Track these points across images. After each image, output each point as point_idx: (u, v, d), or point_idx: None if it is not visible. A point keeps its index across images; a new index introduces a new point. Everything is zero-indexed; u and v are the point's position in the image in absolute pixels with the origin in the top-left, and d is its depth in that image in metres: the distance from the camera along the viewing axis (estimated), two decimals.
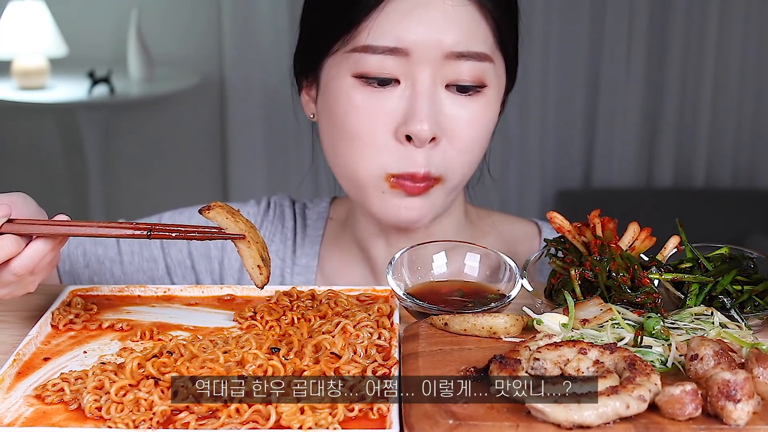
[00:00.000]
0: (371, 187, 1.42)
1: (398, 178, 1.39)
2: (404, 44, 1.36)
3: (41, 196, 1.31)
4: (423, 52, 1.36)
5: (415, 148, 1.38)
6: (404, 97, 1.38)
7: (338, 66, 1.41)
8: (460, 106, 1.39)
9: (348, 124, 1.40)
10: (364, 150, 1.40)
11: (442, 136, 1.39)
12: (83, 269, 1.64)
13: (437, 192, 1.43)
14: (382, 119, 1.38)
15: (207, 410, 1.03)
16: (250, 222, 1.21)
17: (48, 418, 1.05)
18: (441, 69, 1.37)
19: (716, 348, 1.04)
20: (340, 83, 1.41)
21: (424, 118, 1.36)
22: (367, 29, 1.37)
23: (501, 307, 1.27)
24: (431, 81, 1.38)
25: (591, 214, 1.31)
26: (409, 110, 1.37)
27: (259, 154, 4.57)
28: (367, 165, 1.40)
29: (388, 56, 1.37)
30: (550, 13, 4.39)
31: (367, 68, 1.38)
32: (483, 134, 1.43)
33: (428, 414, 0.98)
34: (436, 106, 1.38)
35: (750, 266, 1.31)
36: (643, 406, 0.96)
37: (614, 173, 4.55)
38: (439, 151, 1.39)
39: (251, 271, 1.20)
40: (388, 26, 1.36)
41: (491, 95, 1.42)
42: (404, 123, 1.37)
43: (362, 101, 1.39)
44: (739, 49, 4.40)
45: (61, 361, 1.20)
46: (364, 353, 1.16)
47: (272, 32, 4.32)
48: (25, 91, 4.20)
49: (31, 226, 1.17)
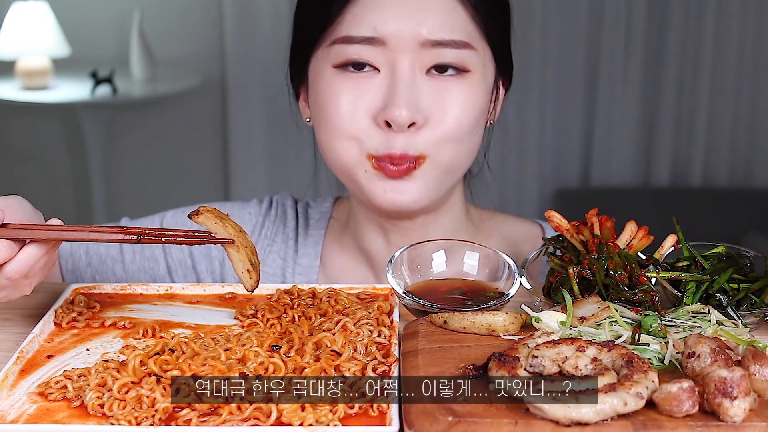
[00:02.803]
0: (354, 166, 1.42)
1: (378, 159, 1.40)
2: (380, 33, 1.38)
3: (44, 196, 1.32)
4: (399, 40, 1.38)
5: (395, 133, 1.38)
6: (384, 85, 1.39)
7: (322, 61, 1.44)
8: (442, 89, 1.40)
9: (329, 112, 1.42)
10: (345, 134, 1.41)
11: (423, 122, 1.39)
12: (85, 268, 1.64)
13: (425, 171, 1.41)
14: (362, 105, 1.39)
15: (208, 407, 1.04)
16: (240, 226, 1.22)
17: (51, 415, 1.06)
18: (420, 56, 1.38)
19: (713, 345, 1.04)
20: (323, 76, 1.43)
21: (401, 103, 1.36)
22: (345, 21, 1.40)
23: (500, 305, 1.27)
24: (410, 68, 1.38)
25: (589, 213, 1.32)
26: (387, 97, 1.38)
27: (261, 153, 4.57)
28: (349, 147, 1.41)
29: (366, 46, 1.38)
30: (548, 13, 4.39)
31: (346, 58, 1.40)
32: (467, 117, 1.41)
33: (428, 411, 0.99)
34: (416, 92, 1.38)
35: (746, 264, 1.32)
36: (640, 403, 0.97)
37: (612, 172, 4.56)
38: (421, 135, 1.39)
39: (241, 275, 1.21)
40: (364, 16, 1.39)
41: (475, 80, 1.42)
42: (383, 109, 1.38)
43: (342, 88, 1.40)
44: (736, 49, 4.41)
45: (64, 358, 1.20)
46: (365, 351, 1.17)
47: (274, 33, 4.33)
48: (29, 91, 4.21)
49: (24, 230, 1.17)
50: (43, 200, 1.29)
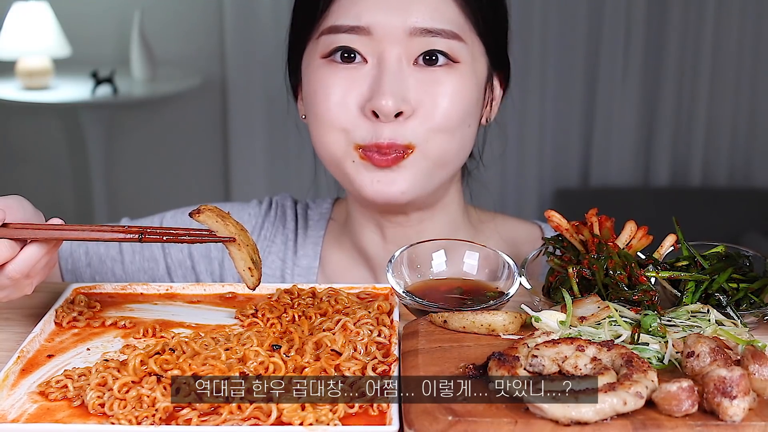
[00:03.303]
0: (342, 157, 1.42)
1: (365, 149, 1.39)
2: (365, 22, 1.38)
3: (45, 195, 1.32)
4: (385, 30, 1.38)
5: (382, 123, 1.38)
6: (371, 75, 1.39)
7: (311, 53, 1.45)
8: (429, 79, 1.39)
9: (318, 103, 1.42)
10: (333, 125, 1.41)
11: (411, 113, 1.38)
12: (85, 268, 1.65)
13: (414, 162, 1.40)
14: (350, 96, 1.39)
15: (209, 407, 1.04)
16: (241, 224, 1.22)
17: (51, 414, 1.06)
18: (407, 46, 1.38)
19: (712, 345, 1.05)
20: (312, 68, 1.44)
21: (387, 93, 1.36)
22: (331, 12, 1.41)
23: (499, 305, 1.28)
24: (397, 58, 1.38)
25: (588, 213, 1.32)
26: (374, 87, 1.38)
27: (261, 154, 4.58)
28: (337, 138, 1.41)
29: (352, 35, 1.39)
30: (547, 13, 4.40)
31: (333, 46, 1.40)
32: (456, 108, 1.40)
33: (428, 410, 0.99)
34: (403, 82, 1.38)
35: (745, 264, 1.32)
36: (640, 402, 0.97)
37: (611, 172, 4.56)
38: (409, 125, 1.39)
39: (242, 273, 1.21)
40: (350, 7, 1.39)
41: (465, 72, 1.41)
42: (370, 99, 1.38)
43: (330, 79, 1.41)
44: (735, 49, 4.41)
45: (64, 358, 1.21)
46: (365, 350, 1.17)
47: (274, 33, 4.33)
48: (29, 91, 4.22)
49: (25, 230, 1.18)
50: (44, 200, 1.29)
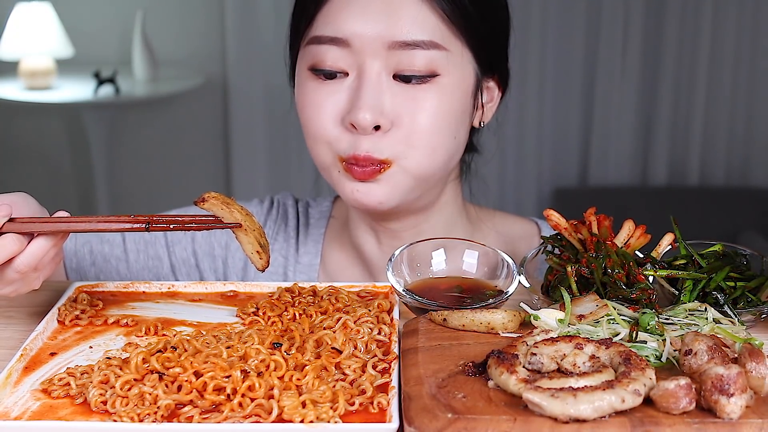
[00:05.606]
0: (329, 167, 1.44)
1: (346, 162, 1.41)
2: (344, 34, 1.38)
3: (48, 195, 1.33)
4: (364, 43, 1.37)
5: (361, 135, 1.39)
6: (351, 88, 1.39)
7: (301, 60, 1.45)
8: (407, 96, 1.38)
9: (304, 117, 1.44)
10: (318, 138, 1.42)
11: (390, 126, 1.39)
12: (89, 267, 1.65)
13: (392, 176, 1.41)
14: (329, 111, 1.40)
15: (210, 404, 1.05)
16: (246, 209, 1.23)
17: (54, 412, 1.07)
18: (387, 59, 1.38)
19: (710, 343, 1.05)
20: (301, 78, 1.45)
21: (364, 107, 1.36)
22: (316, 21, 1.41)
23: (499, 303, 1.28)
24: (376, 71, 1.38)
25: (587, 212, 1.32)
26: (353, 100, 1.38)
27: (262, 153, 4.58)
28: (322, 149, 1.43)
29: (332, 47, 1.39)
30: (546, 12, 4.40)
31: (316, 59, 1.41)
32: (435, 123, 1.39)
33: (427, 408, 0.99)
34: (381, 95, 1.38)
35: (743, 263, 1.32)
36: (638, 400, 0.97)
37: (610, 172, 4.56)
38: (388, 139, 1.39)
39: (251, 256, 1.22)
40: (330, 17, 1.39)
41: (445, 84, 1.40)
42: (348, 112, 1.39)
43: (313, 93, 1.41)
44: (733, 48, 4.41)
45: (67, 356, 1.21)
46: (365, 348, 1.17)
47: (275, 33, 4.33)
48: (32, 91, 4.22)
49: (31, 224, 1.19)
50: (47, 199, 1.29)
